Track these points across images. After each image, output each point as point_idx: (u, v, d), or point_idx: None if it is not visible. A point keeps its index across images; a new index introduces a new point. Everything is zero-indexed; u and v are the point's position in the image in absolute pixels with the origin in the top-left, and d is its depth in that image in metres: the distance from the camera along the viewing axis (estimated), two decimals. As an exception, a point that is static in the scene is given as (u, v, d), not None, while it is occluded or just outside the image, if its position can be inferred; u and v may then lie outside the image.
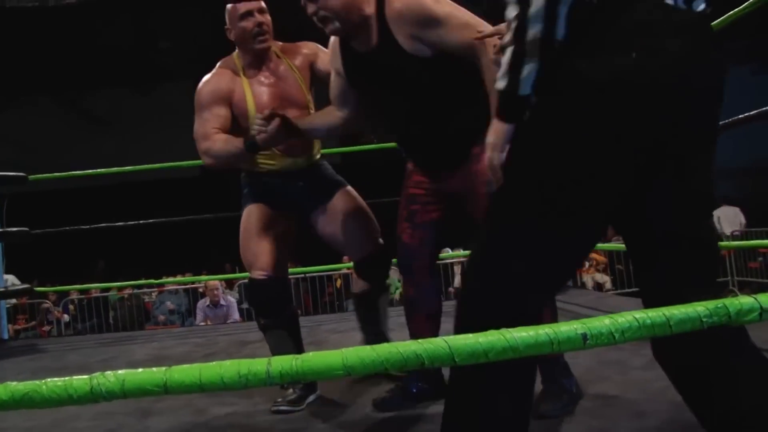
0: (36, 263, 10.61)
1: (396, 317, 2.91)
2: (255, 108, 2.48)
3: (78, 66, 12.61)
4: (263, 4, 2.54)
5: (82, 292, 9.25)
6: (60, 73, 12.88)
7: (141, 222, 4.84)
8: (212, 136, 2.43)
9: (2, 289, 4.69)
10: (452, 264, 9.44)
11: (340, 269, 9.39)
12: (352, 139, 13.70)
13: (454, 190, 2.17)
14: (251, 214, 2.56)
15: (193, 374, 0.83)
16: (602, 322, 0.95)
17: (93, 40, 11.40)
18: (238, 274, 6.28)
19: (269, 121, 2.25)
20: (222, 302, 6.53)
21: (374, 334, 2.72)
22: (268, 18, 2.52)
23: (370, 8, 2.02)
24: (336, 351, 0.86)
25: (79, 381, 0.84)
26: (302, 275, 9.09)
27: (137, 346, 4.17)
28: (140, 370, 0.85)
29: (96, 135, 14.33)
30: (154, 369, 0.85)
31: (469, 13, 1.98)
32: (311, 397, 2.44)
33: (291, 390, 2.42)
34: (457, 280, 9.36)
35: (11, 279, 9.34)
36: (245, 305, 8.74)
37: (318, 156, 2.72)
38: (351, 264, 2.83)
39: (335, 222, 2.60)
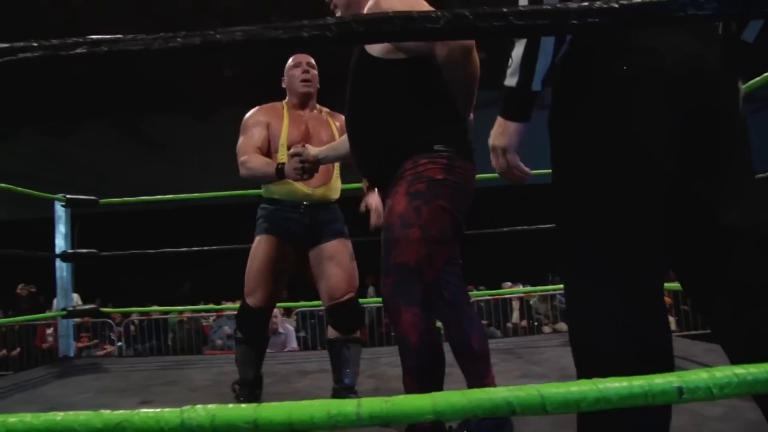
0: (98, 282, 10.93)
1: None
2: (287, 137, 2.90)
3: (140, 92, 13.06)
4: (312, 59, 3.05)
5: (142, 313, 9.45)
6: (122, 99, 13.35)
7: (210, 248, 4.92)
8: (252, 152, 2.83)
9: (70, 308, 4.83)
10: (511, 300, 9.31)
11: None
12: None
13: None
14: (261, 246, 2.92)
15: (283, 412, 0.83)
16: (699, 376, 0.92)
17: (156, 68, 11.77)
18: (296, 303, 6.31)
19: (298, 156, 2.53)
20: (280, 330, 6.56)
21: (336, 380, 2.91)
22: (314, 71, 3.04)
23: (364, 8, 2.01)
24: (426, 395, 0.85)
25: (171, 414, 0.85)
26: (364, 305, 9.08)
27: (197, 370, 4.21)
28: (230, 405, 0.85)
29: (154, 159, 14.75)
30: (244, 405, 0.85)
31: (426, 6, 1.87)
32: None
33: None
34: (516, 316, 9.22)
35: (75, 298, 9.64)
36: (302, 333, 8.79)
37: (335, 198, 3.06)
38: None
39: (320, 264, 2.92)
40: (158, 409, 0.86)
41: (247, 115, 3.01)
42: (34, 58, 0.94)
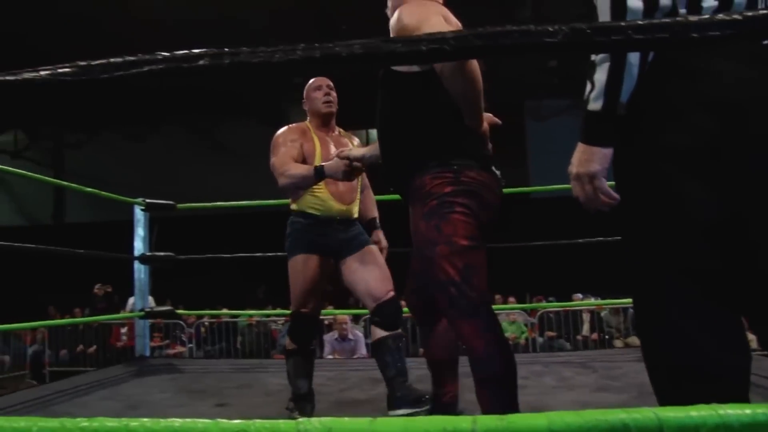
0: (169, 284, 11.24)
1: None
2: (321, 155, 3.07)
3: (215, 98, 13.35)
4: (331, 82, 3.23)
5: (213, 315, 9.65)
6: (198, 105, 13.67)
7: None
8: (290, 162, 2.99)
9: (148, 310, 4.97)
10: (581, 312, 9.13)
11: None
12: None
13: None
14: (302, 264, 3.04)
15: (398, 428, 0.83)
16: (827, 405, 0.88)
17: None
18: (364, 310, 6.34)
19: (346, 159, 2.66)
20: (350, 336, 6.59)
21: (395, 374, 2.96)
22: (334, 93, 3.22)
23: None
24: (541, 414, 0.84)
25: (287, 425, 0.86)
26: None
27: (269, 374, 4.26)
28: (346, 419, 0.86)
29: (227, 164, 15.07)
30: (359, 419, 0.85)
31: (440, 23, 1.89)
32: None
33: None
34: (586, 328, 9.03)
35: (149, 299, 9.93)
36: (369, 340, 8.81)
37: (355, 215, 3.23)
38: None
39: (356, 272, 3.07)
40: (274, 420, 0.88)
41: (278, 133, 3.17)
42: (158, 70, 0.97)
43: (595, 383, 3.51)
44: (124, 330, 10.01)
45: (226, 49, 0.93)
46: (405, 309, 2.85)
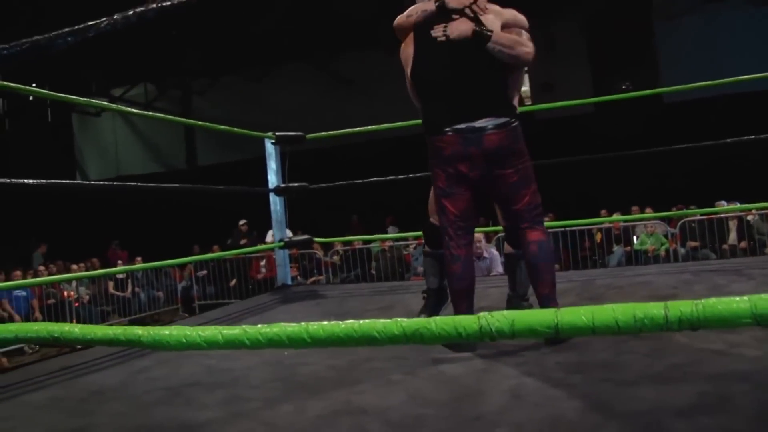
0: (301, 216, 11.62)
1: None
2: None
3: (330, 31, 13.35)
4: None
5: (345, 243, 9.91)
6: (313, 39, 13.73)
7: (414, 175, 4.96)
8: None
9: (287, 239, 5.15)
10: (726, 219, 8.62)
11: (601, 223, 9.07)
12: (606, 86, 13.03)
13: None
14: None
15: (585, 316, 0.80)
16: None
17: (344, 6, 11.91)
18: (495, 227, 6.28)
19: None
20: (485, 254, 6.53)
21: (512, 288, 3.11)
22: None
23: None
24: (744, 298, 0.78)
25: (468, 320, 0.85)
26: (561, 228, 8.89)
27: (409, 295, 4.29)
28: (528, 311, 0.83)
29: (349, 96, 15.17)
30: (544, 310, 0.82)
31: None
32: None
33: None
34: (732, 237, 8.54)
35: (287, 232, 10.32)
36: (503, 259, 8.78)
37: None
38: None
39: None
40: (454, 316, 0.87)
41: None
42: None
43: (755, 290, 3.28)
44: (262, 263, 10.49)
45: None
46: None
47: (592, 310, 0.79)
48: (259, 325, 0.99)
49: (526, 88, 15.09)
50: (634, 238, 9.25)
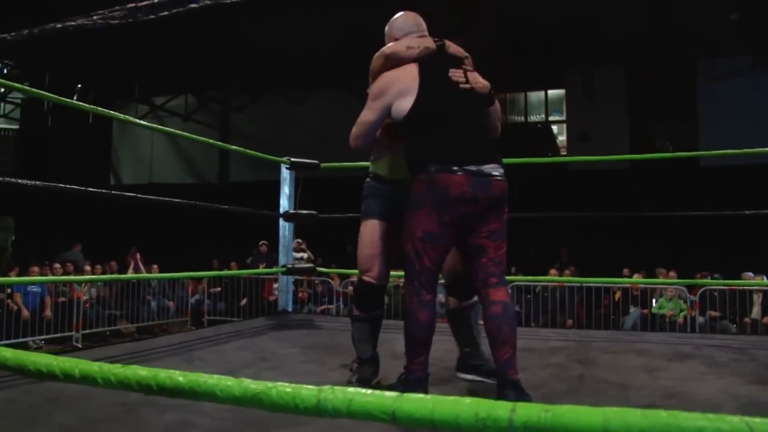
0: (325, 242, 11.61)
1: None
2: None
3: (366, 60, 13.47)
4: None
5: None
6: (351, 67, 13.87)
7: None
8: None
9: (289, 266, 5.11)
10: (751, 292, 8.34)
11: (620, 283, 8.88)
12: (644, 140, 12.85)
13: None
14: (374, 229, 2.90)
15: (425, 407, 0.72)
16: None
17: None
18: (514, 277, 6.16)
19: None
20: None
21: (468, 345, 2.88)
22: None
23: None
24: (598, 410, 0.69)
25: (308, 392, 0.78)
26: (578, 285, 8.73)
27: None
28: (369, 391, 0.76)
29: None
30: (386, 394, 0.75)
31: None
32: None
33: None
34: (756, 311, 8.27)
35: (305, 255, 10.30)
36: (516, 307, 8.61)
37: None
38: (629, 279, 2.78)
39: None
40: (297, 385, 0.80)
41: None
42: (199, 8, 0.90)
43: (752, 374, 3.10)
44: (275, 285, 10.45)
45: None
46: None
47: (434, 400, 0.72)
48: (117, 365, 0.93)
49: (562, 137, 15.00)
50: (653, 300, 9.01)
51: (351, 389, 0.76)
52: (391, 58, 2.74)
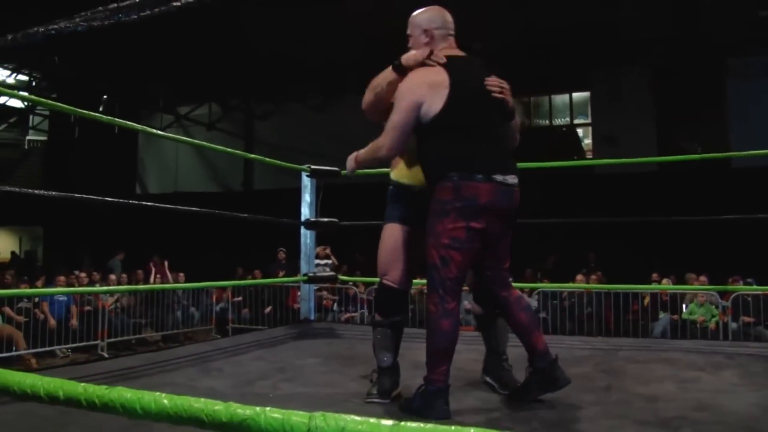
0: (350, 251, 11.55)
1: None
2: None
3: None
4: None
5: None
6: (373, 73, 13.89)
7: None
8: None
9: (311, 274, 5.07)
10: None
11: (648, 289, 8.69)
12: (672, 143, 12.61)
13: None
14: (394, 232, 2.89)
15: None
16: None
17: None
18: (538, 284, 6.04)
19: None
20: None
21: (495, 349, 2.94)
22: None
23: None
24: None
25: (299, 417, 0.71)
26: (606, 291, 8.57)
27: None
28: (360, 418, 0.69)
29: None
30: (383, 422, 0.68)
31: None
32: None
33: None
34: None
35: (329, 263, 10.24)
36: (543, 314, 8.46)
37: None
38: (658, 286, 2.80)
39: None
40: (287, 411, 0.73)
41: None
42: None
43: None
44: (299, 292, 10.40)
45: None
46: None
47: (434, 430, 0.65)
48: (102, 387, 0.87)
49: (588, 140, 14.82)
50: (683, 306, 8.80)
51: (344, 416, 0.69)
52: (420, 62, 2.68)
